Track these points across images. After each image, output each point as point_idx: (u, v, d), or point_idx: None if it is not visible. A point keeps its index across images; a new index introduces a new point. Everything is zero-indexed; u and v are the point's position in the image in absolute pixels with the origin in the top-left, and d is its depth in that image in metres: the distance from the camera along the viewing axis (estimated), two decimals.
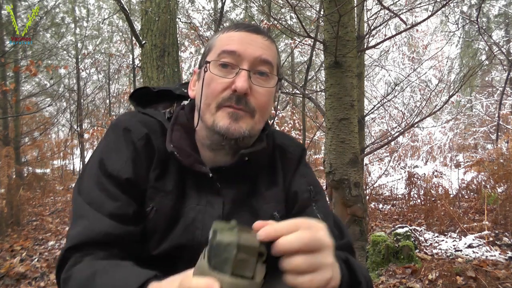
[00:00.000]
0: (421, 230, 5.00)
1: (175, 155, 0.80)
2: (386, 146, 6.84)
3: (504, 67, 8.65)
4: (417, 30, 12.22)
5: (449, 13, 8.77)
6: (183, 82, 1.04)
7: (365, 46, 3.76)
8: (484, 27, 9.29)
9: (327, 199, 2.53)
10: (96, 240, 0.72)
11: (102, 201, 0.76)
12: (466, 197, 6.96)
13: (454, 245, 4.41)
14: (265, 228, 0.53)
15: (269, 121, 0.94)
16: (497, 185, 6.00)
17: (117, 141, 0.82)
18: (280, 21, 5.37)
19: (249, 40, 0.82)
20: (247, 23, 0.88)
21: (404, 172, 8.97)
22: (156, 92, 0.96)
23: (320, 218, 0.86)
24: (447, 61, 11.48)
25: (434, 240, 4.71)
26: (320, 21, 4.25)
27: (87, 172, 0.82)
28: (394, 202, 7.44)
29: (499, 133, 9.11)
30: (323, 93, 3.36)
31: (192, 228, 0.80)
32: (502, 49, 8.65)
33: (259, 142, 0.87)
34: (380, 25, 4.16)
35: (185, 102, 0.94)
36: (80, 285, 0.65)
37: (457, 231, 4.91)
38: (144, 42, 4.46)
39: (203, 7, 10.83)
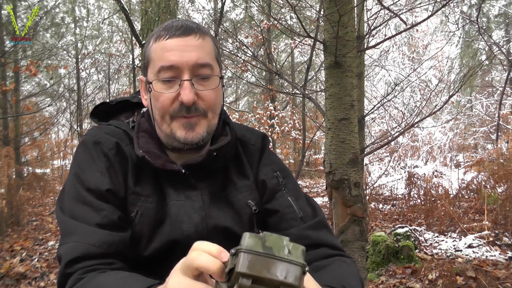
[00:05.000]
0: (421, 230, 5.00)
1: (146, 158, 0.82)
2: (386, 146, 6.84)
3: (504, 67, 8.65)
4: (417, 30, 12.23)
5: (449, 13, 8.77)
6: (138, 90, 1.07)
7: (365, 46, 3.75)
8: (484, 27, 9.29)
9: (328, 198, 2.53)
10: (91, 252, 0.73)
11: (87, 214, 0.77)
12: (466, 197, 6.95)
13: (454, 245, 4.41)
14: None
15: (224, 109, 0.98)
16: (497, 185, 6.00)
17: (89, 155, 0.84)
18: (280, 21, 5.37)
19: (183, 46, 0.82)
20: (175, 24, 0.86)
21: (404, 172, 8.96)
22: (115, 105, 0.99)
23: (292, 200, 0.90)
24: (447, 61, 11.49)
25: (434, 240, 4.72)
26: (320, 21, 4.25)
27: (66, 190, 0.83)
28: (394, 202, 7.44)
29: (499, 133, 9.11)
30: (323, 93, 3.36)
31: (178, 223, 0.83)
32: (502, 49, 8.66)
33: (224, 136, 0.91)
34: (380, 25, 4.16)
35: (144, 110, 0.96)
36: None
37: (457, 231, 4.91)
38: (144, 42, 4.46)
39: (203, 7, 10.84)
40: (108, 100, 1.01)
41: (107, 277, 0.67)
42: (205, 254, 0.49)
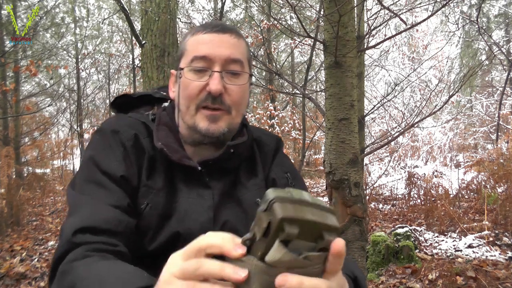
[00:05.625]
0: (421, 230, 5.00)
1: (164, 151, 0.83)
2: (386, 146, 6.84)
3: (504, 67, 8.65)
4: (417, 30, 12.22)
5: (449, 13, 8.77)
6: (159, 86, 1.07)
7: (365, 46, 3.75)
8: (484, 27, 9.29)
9: (328, 198, 2.53)
10: (99, 226, 0.72)
11: (100, 193, 0.78)
12: (466, 197, 6.95)
13: (454, 245, 4.41)
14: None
15: (246, 116, 1.00)
16: (497, 185, 6.00)
17: (107, 142, 0.85)
18: (280, 21, 5.37)
19: (218, 42, 0.85)
20: (214, 22, 0.91)
21: (404, 172, 8.96)
22: (136, 98, 1.00)
23: None
24: (447, 61, 11.47)
25: (434, 240, 4.71)
26: (320, 21, 4.25)
27: (79, 172, 0.83)
28: (394, 202, 7.44)
29: (499, 133, 9.11)
30: (323, 93, 3.36)
31: (186, 220, 0.83)
32: (502, 49, 8.66)
33: (241, 136, 0.93)
34: (380, 25, 4.16)
35: (165, 104, 0.97)
36: (73, 284, 0.61)
37: (457, 231, 4.91)
38: (144, 42, 4.46)
39: (203, 7, 10.84)
40: (130, 93, 1.02)
41: (106, 266, 0.63)
42: (213, 235, 0.45)
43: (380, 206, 7.37)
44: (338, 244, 0.41)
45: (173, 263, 0.46)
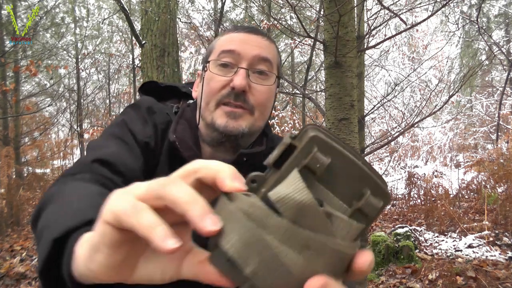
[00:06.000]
0: (421, 230, 5.00)
1: (176, 145, 0.81)
2: (386, 146, 6.84)
3: (504, 67, 8.65)
4: (417, 30, 12.22)
5: (449, 13, 8.77)
6: (187, 82, 1.06)
7: (365, 46, 3.75)
8: (484, 27, 9.29)
9: None
10: (118, 167, 0.69)
11: (125, 149, 0.76)
12: (466, 197, 6.95)
13: (454, 245, 4.41)
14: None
15: (269, 122, 0.96)
16: (497, 185, 6.00)
17: (141, 116, 0.84)
18: (280, 21, 5.37)
19: (248, 40, 0.84)
20: (247, 25, 0.90)
21: (404, 172, 8.97)
22: (163, 87, 0.99)
23: None
24: (447, 61, 11.48)
25: (434, 240, 4.71)
26: (320, 21, 4.25)
27: (108, 129, 0.82)
28: (394, 202, 7.44)
29: (499, 133, 9.11)
30: (323, 93, 3.36)
31: None
32: (502, 49, 8.66)
33: (259, 145, 0.90)
34: (380, 25, 4.16)
35: (190, 101, 0.96)
36: (53, 194, 0.57)
37: (457, 231, 4.91)
38: (144, 42, 4.46)
39: (203, 7, 10.83)
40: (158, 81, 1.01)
41: (94, 190, 0.56)
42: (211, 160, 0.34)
43: None
44: (366, 258, 0.29)
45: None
